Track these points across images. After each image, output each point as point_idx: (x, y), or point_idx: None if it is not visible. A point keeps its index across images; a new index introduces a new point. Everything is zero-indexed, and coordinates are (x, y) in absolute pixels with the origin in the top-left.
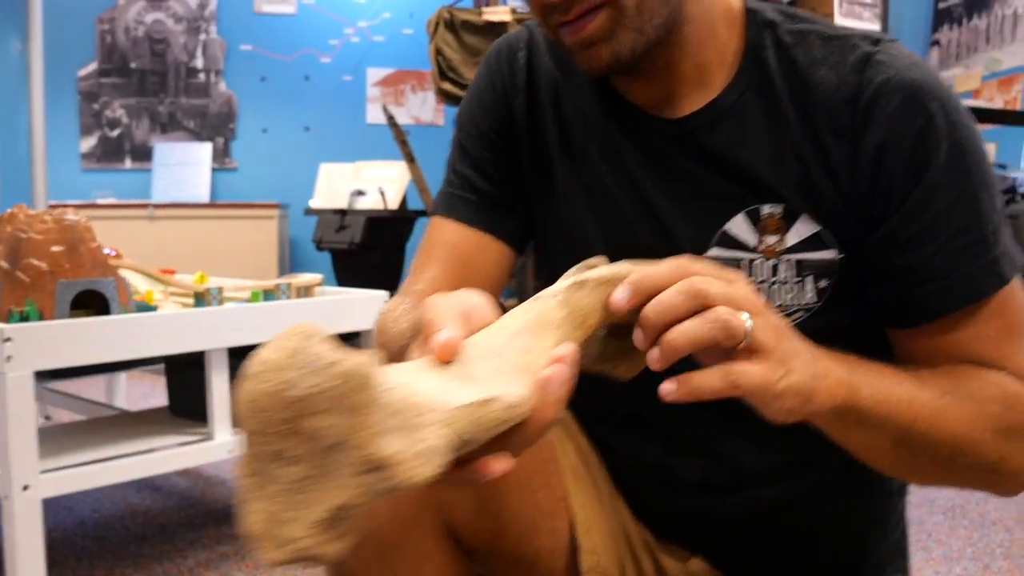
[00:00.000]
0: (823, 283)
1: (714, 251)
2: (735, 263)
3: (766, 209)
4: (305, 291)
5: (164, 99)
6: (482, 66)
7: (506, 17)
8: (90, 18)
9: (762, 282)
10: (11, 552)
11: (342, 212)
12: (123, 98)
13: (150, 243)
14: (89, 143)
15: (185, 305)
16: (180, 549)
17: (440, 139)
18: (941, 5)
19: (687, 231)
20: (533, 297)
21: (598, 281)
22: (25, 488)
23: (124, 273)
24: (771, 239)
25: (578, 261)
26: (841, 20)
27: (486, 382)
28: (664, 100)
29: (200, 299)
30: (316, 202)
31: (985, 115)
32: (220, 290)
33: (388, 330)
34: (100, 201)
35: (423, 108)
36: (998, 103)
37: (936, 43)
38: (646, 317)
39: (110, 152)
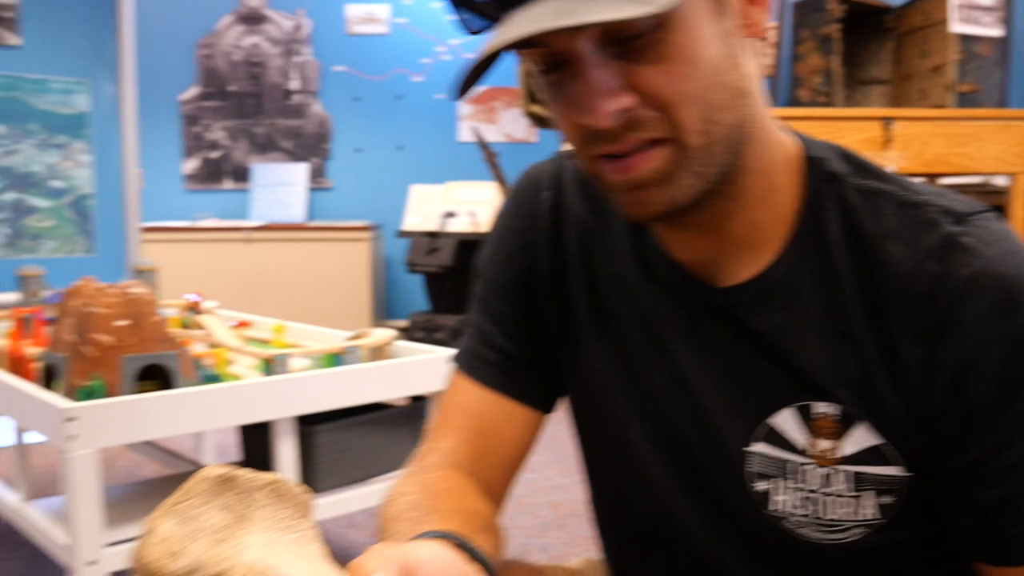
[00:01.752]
0: (887, 499)
1: (759, 447)
2: (781, 465)
3: (819, 408)
4: (379, 350)
5: (261, 121)
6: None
7: None
8: (190, 43)
9: (812, 491)
10: None
11: (433, 235)
12: (222, 120)
13: (247, 262)
14: (191, 165)
15: (256, 365)
16: None
17: (533, 156)
18: None
19: (729, 420)
20: None
21: None
22: (91, 564)
23: (204, 319)
24: (824, 444)
25: (612, 439)
26: (959, 28)
27: None
28: (710, 260)
29: (268, 366)
30: (408, 223)
31: None
32: (290, 357)
33: (388, 528)
34: (200, 224)
35: (515, 125)
36: None
37: None
38: None
39: (211, 173)
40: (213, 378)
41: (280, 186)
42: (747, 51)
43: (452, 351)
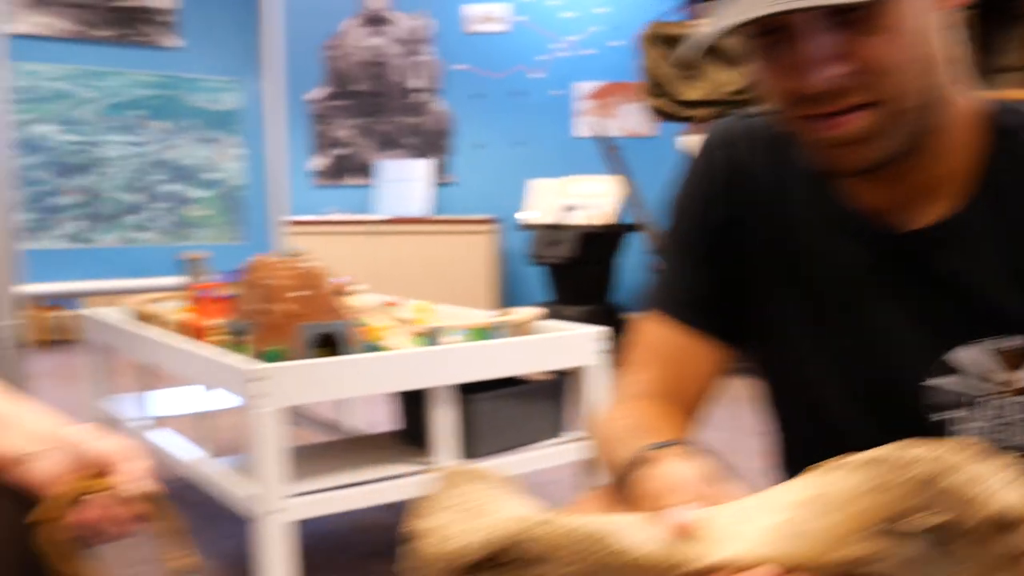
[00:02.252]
0: None
1: (945, 380)
2: (968, 398)
3: (1007, 342)
4: (522, 327)
5: (384, 119)
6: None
7: None
8: (317, 45)
9: (999, 421)
10: (261, 570)
11: (555, 227)
12: (348, 119)
13: (372, 256)
14: (319, 162)
15: (413, 337)
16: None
17: (652, 150)
18: None
19: (916, 357)
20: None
21: (856, 464)
22: (275, 512)
23: (357, 298)
24: (1009, 375)
25: (800, 383)
26: None
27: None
28: (894, 208)
29: (426, 338)
30: (527, 216)
31: None
32: (444, 329)
33: (615, 457)
34: (331, 217)
35: (634, 120)
36: None
37: None
38: None
39: (337, 170)
40: (374, 348)
41: (403, 182)
42: (939, 23)
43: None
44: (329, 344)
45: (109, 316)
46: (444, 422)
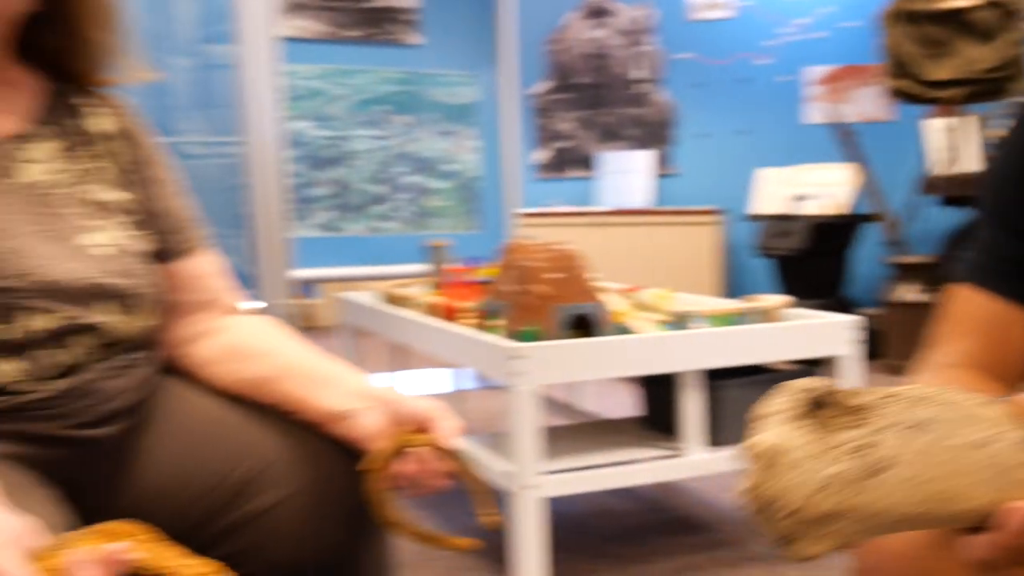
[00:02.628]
0: None
1: None
2: None
3: None
4: (771, 314)
5: (606, 111)
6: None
7: (970, 1)
8: (541, 39)
9: None
10: (515, 543)
11: (785, 218)
12: (570, 112)
13: (597, 247)
14: (542, 155)
15: (658, 323)
16: (653, 554)
17: (890, 136)
18: None
19: None
20: None
21: None
22: (530, 488)
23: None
24: None
25: None
26: None
27: None
28: None
29: (676, 323)
30: (754, 207)
31: None
32: (692, 315)
33: None
34: (557, 209)
35: (870, 104)
36: None
37: None
38: None
39: (560, 163)
40: (624, 331)
41: (625, 173)
42: None
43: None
44: (582, 326)
45: (364, 299)
46: (692, 407)
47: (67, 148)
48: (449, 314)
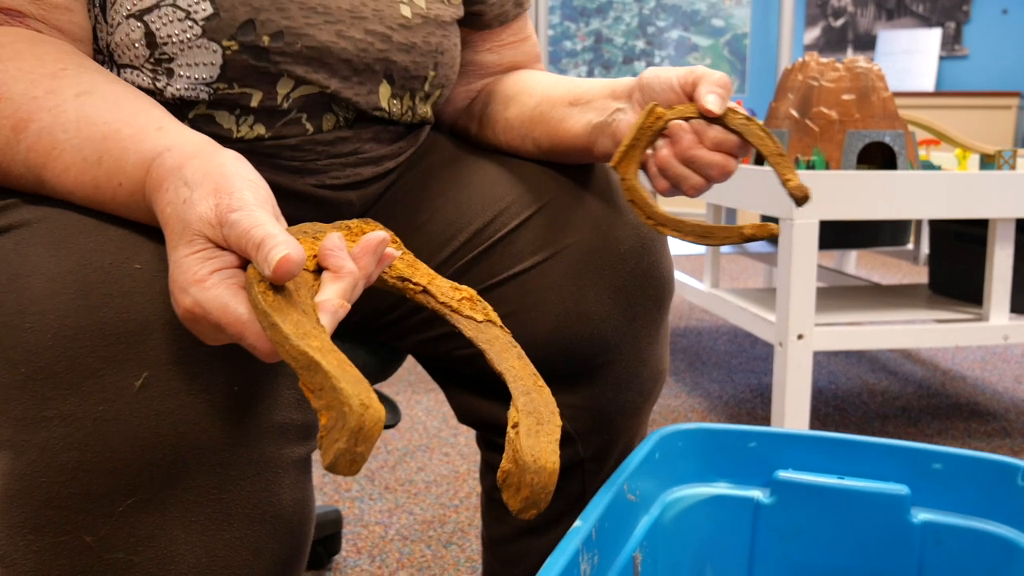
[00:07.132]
0: None
1: None
2: None
3: None
4: None
5: None
6: None
7: None
8: None
9: None
10: (779, 395)
11: None
12: None
13: None
14: (813, 34)
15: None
16: (925, 436)
17: None
18: None
19: None
20: None
21: None
22: (800, 337)
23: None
24: None
25: None
26: None
27: None
28: None
29: (988, 163)
30: None
31: None
32: (1014, 154)
33: None
34: None
35: None
36: None
37: None
38: None
39: (833, 42)
40: (931, 167)
41: (908, 54)
42: None
43: None
44: (881, 159)
45: None
46: (1001, 264)
47: None
48: None
